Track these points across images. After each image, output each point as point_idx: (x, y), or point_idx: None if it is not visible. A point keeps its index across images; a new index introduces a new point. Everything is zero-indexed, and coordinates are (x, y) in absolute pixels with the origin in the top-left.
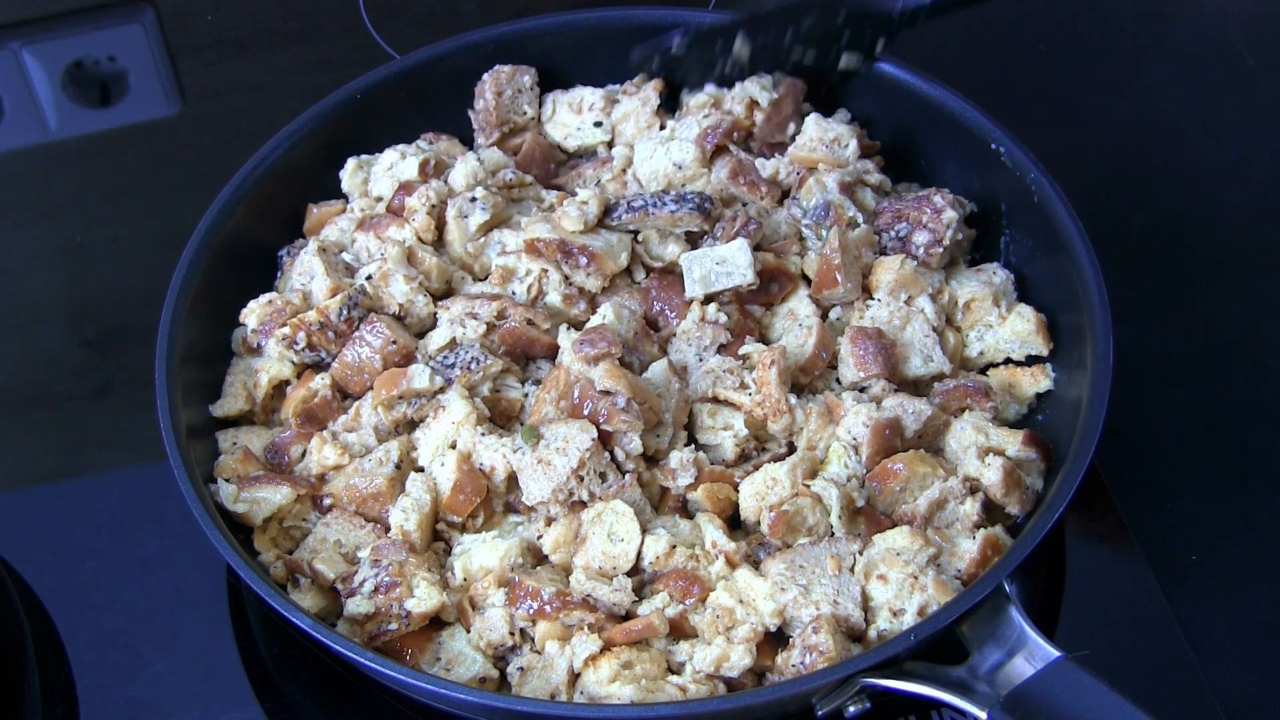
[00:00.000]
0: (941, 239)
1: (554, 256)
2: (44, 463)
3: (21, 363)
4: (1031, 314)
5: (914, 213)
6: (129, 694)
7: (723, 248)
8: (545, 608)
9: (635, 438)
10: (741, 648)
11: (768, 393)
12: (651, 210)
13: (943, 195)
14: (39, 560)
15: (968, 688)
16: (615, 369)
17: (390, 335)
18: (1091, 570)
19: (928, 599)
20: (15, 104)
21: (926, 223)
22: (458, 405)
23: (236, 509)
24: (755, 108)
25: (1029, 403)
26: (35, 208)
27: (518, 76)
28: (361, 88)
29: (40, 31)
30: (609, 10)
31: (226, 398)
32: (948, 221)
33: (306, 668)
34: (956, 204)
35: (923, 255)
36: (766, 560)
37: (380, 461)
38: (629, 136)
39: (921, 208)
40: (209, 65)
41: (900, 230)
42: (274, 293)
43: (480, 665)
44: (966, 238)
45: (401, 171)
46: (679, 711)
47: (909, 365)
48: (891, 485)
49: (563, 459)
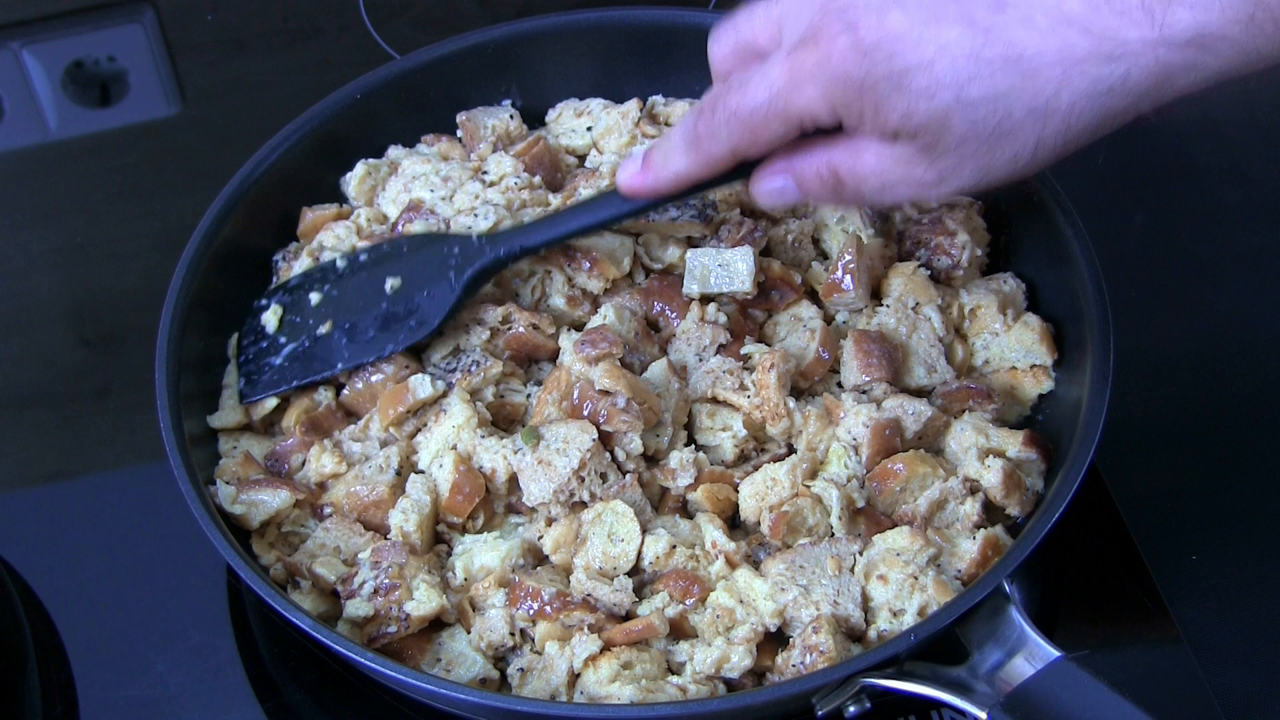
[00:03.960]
0: (959, 262)
1: (556, 260)
2: (44, 463)
3: (21, 363)
4: (1037, 322)
5: (929, 236)
6: (129, 694)
7: (728, 251)
8: (545, 608)
9: (635, 438)
10: (741, 648)
11: (766, 396)
12: (652, 215)
13: (954, 216)
14: (39, 560)
15: (968, 688)
16: (615, 369)
17: (403, 360)
18: (1091, 570)
19: (928, 599)
20: (15, 104)
21: (945, 247)
22: (458, 409)
23: (234, 510)
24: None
25: (1030, 404)
26: (35, 208)
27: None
28: (361, 88)
29: (40, 31)
30: (609, 10)
31: (225, 409)
32: (961, 244)
33: (306, 668)
34: (967, 220)
35: (944, 278)
36: (766, 560)
37: (380, 468)
38: (613, 148)
39: (936, 232)
40: (209, 65)
41: (921, 256)
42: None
43: (480, 666)
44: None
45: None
46: (679, 711)
47: (912, 375)
48: (892, 485)
49: (563, 460)
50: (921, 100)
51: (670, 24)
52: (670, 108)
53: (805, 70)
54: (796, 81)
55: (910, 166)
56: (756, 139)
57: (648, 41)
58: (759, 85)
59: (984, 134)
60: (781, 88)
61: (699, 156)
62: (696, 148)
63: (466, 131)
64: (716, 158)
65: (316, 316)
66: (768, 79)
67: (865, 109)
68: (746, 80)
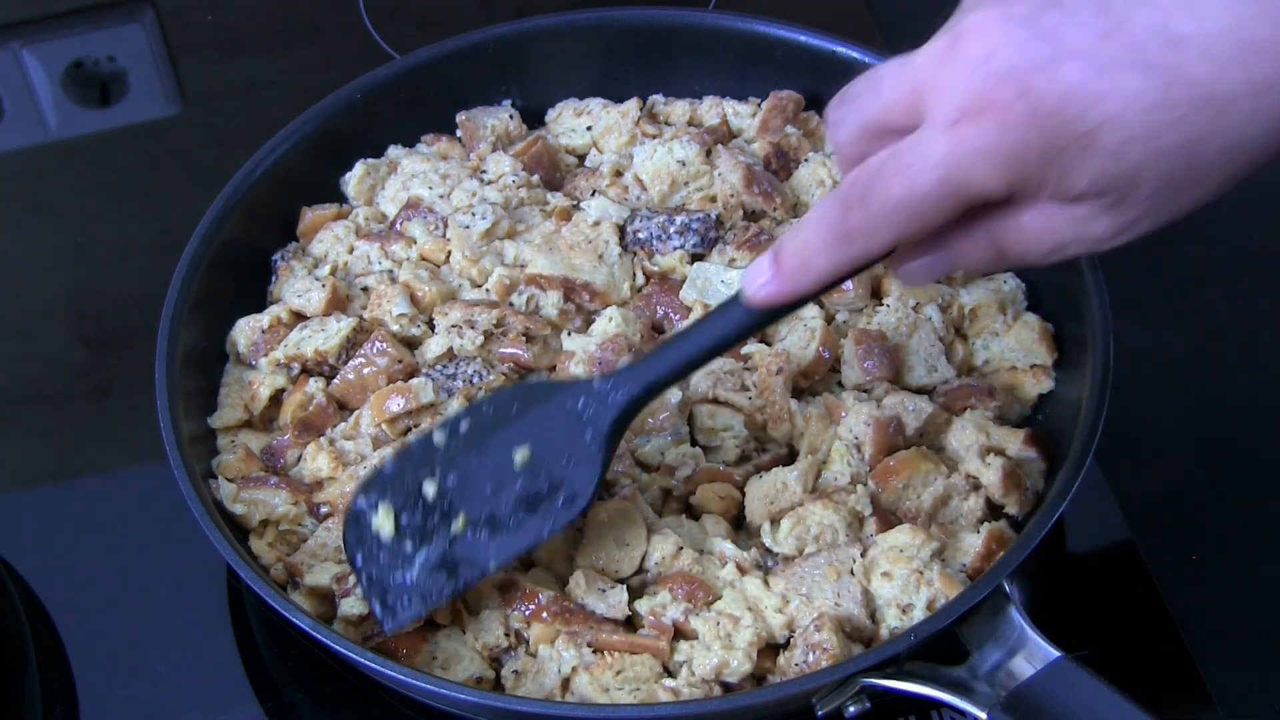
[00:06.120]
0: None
1: (556, 289)
2: (44, 463)
3: (21, 363)
4: (1037, 322)
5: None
6: (129, 694)
7: (735, 272)
8: (543, 612)
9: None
10: (741, 653)
11: (770, 399)
12: (656, 245)
13: None
14: (39, 560)
15: (968, 688)
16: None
17: (396, 354)
18: (1091, 570)
19: (935, 593)
20: (15, 104)
21: None
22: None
23: (235, 509)
24: (727, 124)
25: (1031, 403)
26: (35, 208)
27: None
28: (361, 88)
29: (40, 31)
30: (609, 10)
31: (224, 409)
32: None
33: (306, 668)
34: None
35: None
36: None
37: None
38: (612, 148)
39: None
40: (209, 65)
41: None
42: (263, 314)
43: (476, 665)
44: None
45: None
46: (679, 712)
47: (913, 374)
48: (895, 483)
49: None
50: (1111, 161)
51: (670, 24)
52: (670, 107)
53: (976, 145)
54: (967, 159)
55: (1087, 224)
56: (922, 227)
57: (648, 41)
58: (922, 169)
59: (1174, 183)
60: (951, 169)
61: (851, 253)
62: (848, 244)
63: (466, 131)
64: (874, 253)
65: (440, 513)
66: (930, 160)
67: (1049, 178)
68: (903, 165)
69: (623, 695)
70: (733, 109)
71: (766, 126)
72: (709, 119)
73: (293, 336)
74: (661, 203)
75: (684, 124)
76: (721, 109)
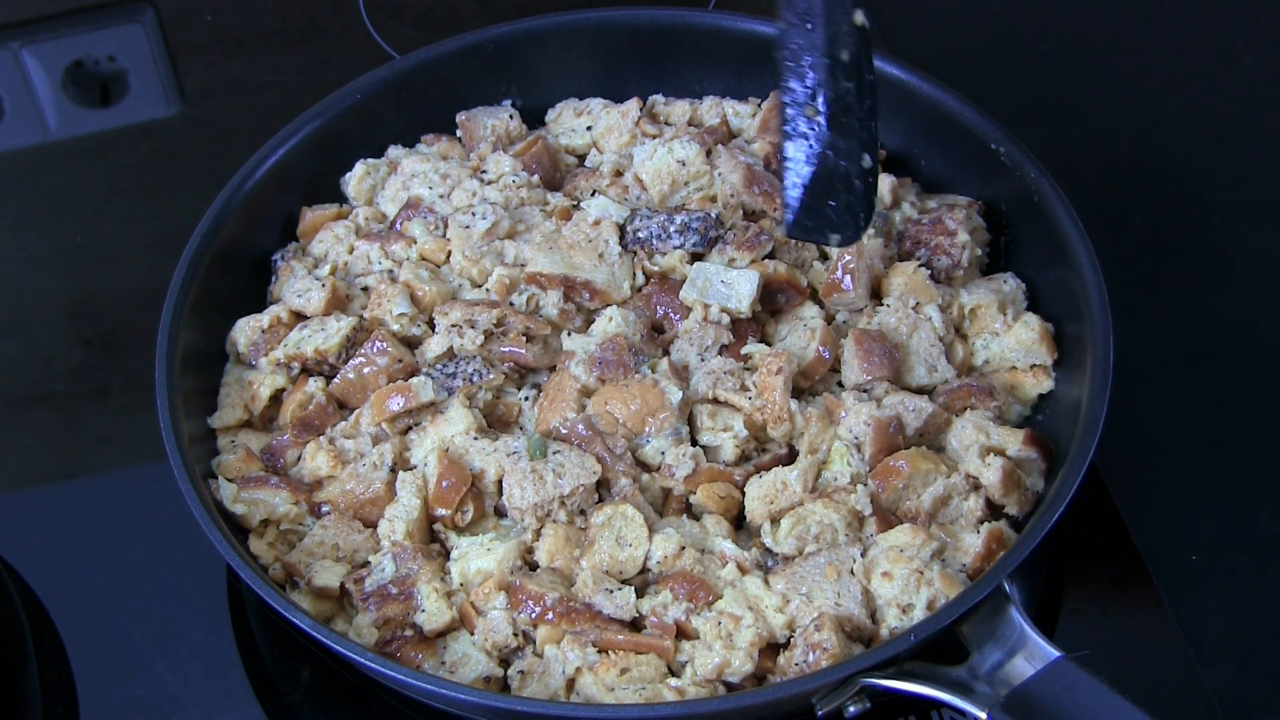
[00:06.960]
0: (959, 262)
1: (556, 288)
2: (44, 463)
3: (21, 363)
4: (1037, 322)
5: (929, 236)
6: (129, 694)
7: (735, 272)
8: (549, 613)
9: (629, 483)
10: (743, 652)
11: (770, 399)
12: (656, 244)
13: (954, 216)
14: (39, 560)
15: (968, 688)
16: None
17: (396, 354)
18: (1091, 570)
19: (935, 593)
20: (15, 104)
21: (945, 247)
22: (459, 415)
23: (235, 510)
24: (727, 124)
25: (1031, 403)
26: (35, 208)
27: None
28: (361, 88)
29: (40, 31)
30: (609, 10)
31: (224, 409)
32: (962, 243)
33: (306, 668)
34: (967, 220)
35: (943, 278)
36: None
37: (374, 465)
38: (613, 148)
39: (935, 232)
40: (209, 65)
41: (921, 255)
42: (263, 313)
43: (485, 665)
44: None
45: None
46: (679, 711)
47: (913, 374)
48: (895, 482)
49: (556, 480)
50: None
51: (670, 24)
52: (670, 107)
53: None
54: None
55: None
56: None
57: (648, 41)
58: None
59: None
60: None
61: None
62: None
63: (466, 131)
64: None
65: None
66: None
67: None
68: None
69: (628, 695)
70: (733, 109)
71: (766, 126)
72: (709, 119)
73: (293, 336)
74: (661, 202)
75: (684, 124)
76: (721, 109)
